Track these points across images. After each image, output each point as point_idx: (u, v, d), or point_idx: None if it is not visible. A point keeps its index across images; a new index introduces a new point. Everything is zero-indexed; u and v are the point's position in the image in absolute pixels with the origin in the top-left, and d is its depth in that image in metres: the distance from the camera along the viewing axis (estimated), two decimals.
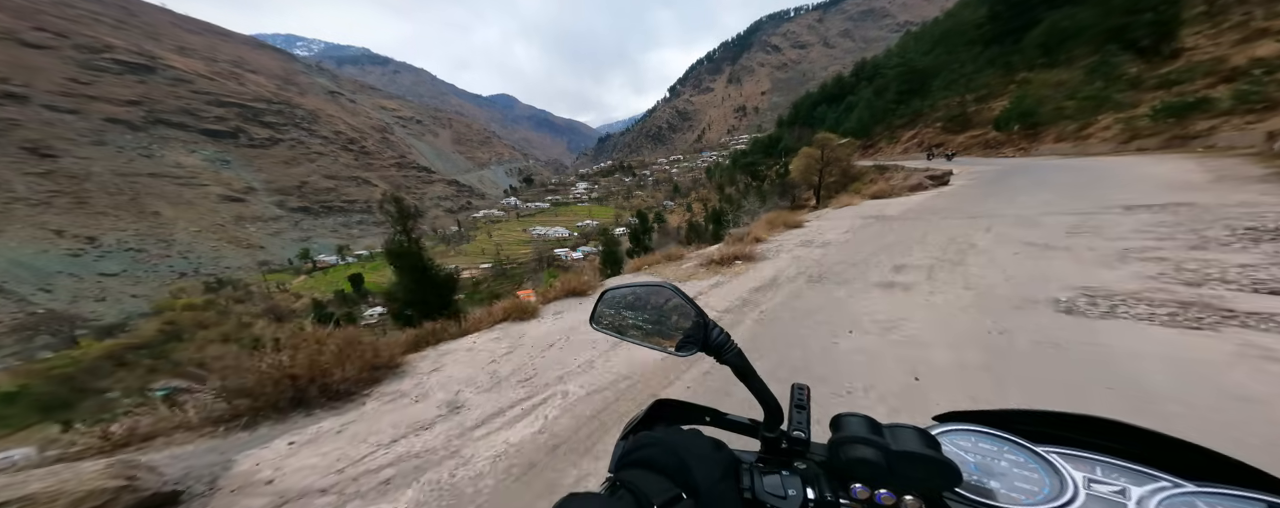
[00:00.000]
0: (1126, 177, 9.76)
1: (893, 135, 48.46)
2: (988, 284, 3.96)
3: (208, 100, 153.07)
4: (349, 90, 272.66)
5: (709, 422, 0.60)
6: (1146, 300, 3.12)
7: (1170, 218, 5.50)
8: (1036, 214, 6.93)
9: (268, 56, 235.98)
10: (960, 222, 7.25)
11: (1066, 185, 9.78)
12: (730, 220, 24.43)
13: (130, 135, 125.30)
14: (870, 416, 0.48)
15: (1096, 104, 22.13)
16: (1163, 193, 7.17)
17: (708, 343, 0.54)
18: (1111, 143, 19.38)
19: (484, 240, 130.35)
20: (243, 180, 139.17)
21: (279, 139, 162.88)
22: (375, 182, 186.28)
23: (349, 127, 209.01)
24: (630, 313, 0.68)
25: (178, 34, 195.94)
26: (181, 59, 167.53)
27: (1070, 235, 5.29)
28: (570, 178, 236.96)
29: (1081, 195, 8.10)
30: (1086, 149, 20.66)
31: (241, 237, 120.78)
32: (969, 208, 8.54)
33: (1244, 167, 9.12)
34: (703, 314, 0.56)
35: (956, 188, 12.78)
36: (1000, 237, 5.77)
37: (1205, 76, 18.69)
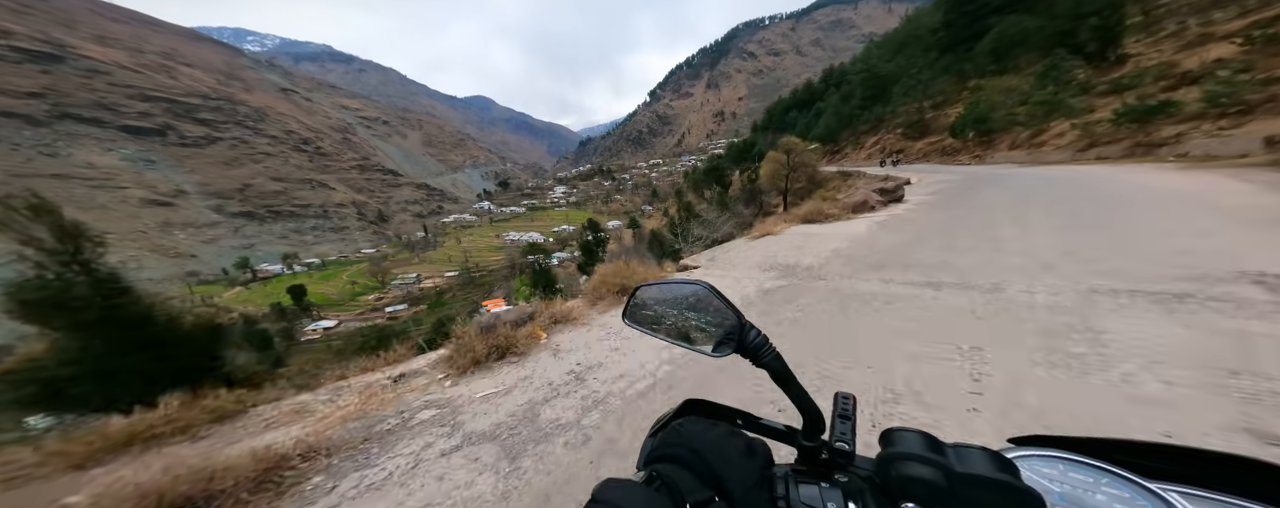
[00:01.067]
0: (1134, 193, 7.17)
1: (858, 141, 49.09)
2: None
3: (129, 94, 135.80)
4: (304, 88, 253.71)
5: (741, 425, 0.57)
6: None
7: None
8: (1061, 279, 3.44)
9: (208, 49, 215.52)
10: (914, 298, 3.46)
11: (1059, 206, 7.01)
12: (680, 236, 19.90)
13: (29, 131, 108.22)
14: (930, 432, 0.43)
15: (1048, 109, 21.61)
16: (1244, 229, 4.15)
17: (744, 345, 0.51)
18: (1068, 150, 18.40)
19: (453, 247, 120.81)
20: (171, 182, 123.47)
21: (217, 138, 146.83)
22: (333, 185, 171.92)
23: (303, 126, 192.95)
24: (664, 310, 0.67)
25: (97, 22, 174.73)
26: (99, 49, 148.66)
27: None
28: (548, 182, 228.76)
29: (1100, 225, 5.27)
30: (1042, 157, 19.87)
31: (167, 245, 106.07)
32: (929, 252, 5.05)
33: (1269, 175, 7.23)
34: (740, 316, 0.53)
35: (913, 206, 9.58)
36: (1013, 368, 2.17)
37: (1157, 81, 17.90)
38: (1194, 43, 19.43)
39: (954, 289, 3.48)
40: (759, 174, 33.00)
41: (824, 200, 11.72)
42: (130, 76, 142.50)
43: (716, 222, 21.55)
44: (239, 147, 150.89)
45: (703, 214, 24.02)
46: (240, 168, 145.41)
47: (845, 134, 54.25)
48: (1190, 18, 22.19)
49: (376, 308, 74.23)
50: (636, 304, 0.69)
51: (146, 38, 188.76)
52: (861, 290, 3.77)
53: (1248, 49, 14.93)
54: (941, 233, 5.90)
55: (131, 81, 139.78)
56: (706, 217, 22.59)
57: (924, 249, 5.09)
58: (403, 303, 74.24)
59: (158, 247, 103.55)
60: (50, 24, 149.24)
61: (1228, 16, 19.75)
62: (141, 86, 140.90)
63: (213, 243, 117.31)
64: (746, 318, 0.53)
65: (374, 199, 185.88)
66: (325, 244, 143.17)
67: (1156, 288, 2.95)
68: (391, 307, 71.82)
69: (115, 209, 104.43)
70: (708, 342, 0.57)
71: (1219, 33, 18.64)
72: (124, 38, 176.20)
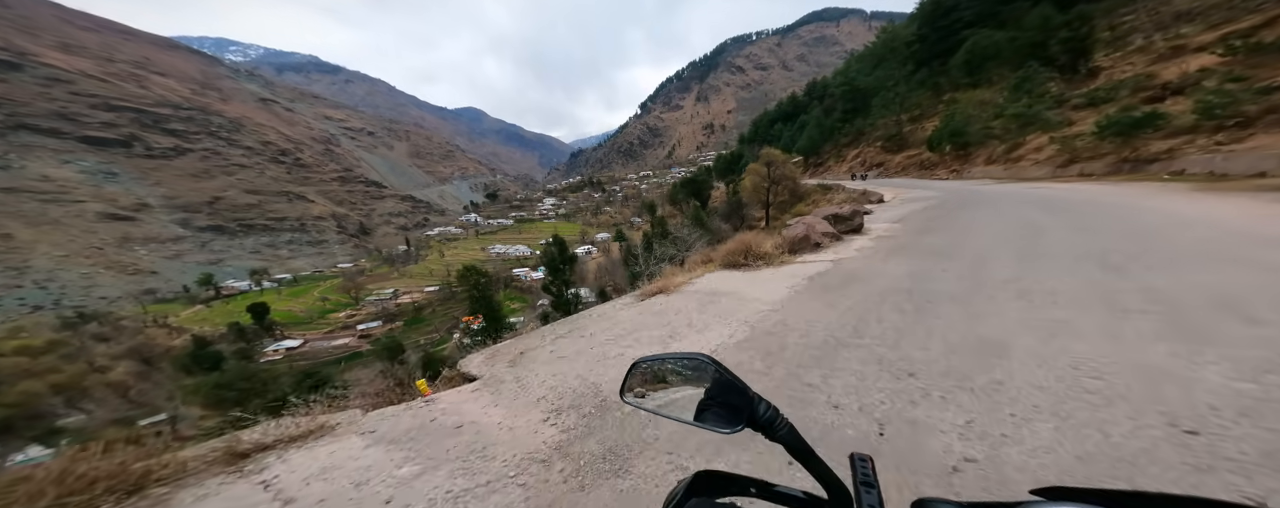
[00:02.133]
0: (1172, 229, 5.45)
1: (840, 153, 49.49)
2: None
3: (92, 104, 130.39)
4: (285, 98, 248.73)
5: (755, 494, 0.52)
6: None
7: None
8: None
9: (182, 58, 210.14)
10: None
11: (1084, 243, 5.19)
12: (642, 259, 18.61)
13: None
14: (959, 500, 0.40)
15: (1024, 122, 21.23)
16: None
17: (756, 419, 0.49)
18: (1047, 166, 17.78)
19: (435, 261, 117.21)
20: (133, 196, 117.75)
21: (187, 149, 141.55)
22: (312, 197, 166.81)
23: (282, 136, 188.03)
24: (665, 386, 0.63)
25: (64, 29, 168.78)
26: (63, 57, 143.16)
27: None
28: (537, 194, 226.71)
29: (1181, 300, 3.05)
30: (1020, 172, 19.21)
31: (126, 261, 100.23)
32: (867, 366, 2.53)
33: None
34: (747, 388, 0.51)
35: (872, 242, 6.96)
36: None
37: (1135, 92, 17.44)
38: (1166, 55, 19.27)
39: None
40: (738, 187, 32.32)
41: (762, 233, 9.63)
42: (96, 85, 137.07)
43: (689, 239, 20.20)
44: (211, 158, 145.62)
45: (675, 232, 22.50)
46: (211, 180, 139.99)
47: (827, 147, 54.51)
48: (1155, 33, 22.52)
49: (347, 326, 70.57)
50: (634, 380, 0.64)
51: (117, 46, 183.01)
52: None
53: (1228, 59, 14.44)
54: (901, 308, 3.47)
55: (96, 91, 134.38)
56: (679, 234, 21.09)
57: (857, 353, 2.70)
58: (376, 320, 70.87)
59: (114, 263, 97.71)
60: (10, 30, 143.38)
61: (1196, 30, 19.72)
62: (106, 96, 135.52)
63: (177, 258, 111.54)
64: (753, 391, 0.51)
65: (355, 212, 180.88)
66: (301, 259, 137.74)
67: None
68: (364, 324, 68.42)
69: (68, 224, 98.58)
70: (715, 418, 0.54)
71: (1191, 45, 18.45)
72: (93, 46, 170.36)
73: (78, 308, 79.76)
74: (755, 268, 5.70)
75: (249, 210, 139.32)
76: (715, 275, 5.58)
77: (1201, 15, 20.60)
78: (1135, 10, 26.23)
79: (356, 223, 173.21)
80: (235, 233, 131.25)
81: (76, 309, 77.42)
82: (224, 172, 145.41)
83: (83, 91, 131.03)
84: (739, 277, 5.34)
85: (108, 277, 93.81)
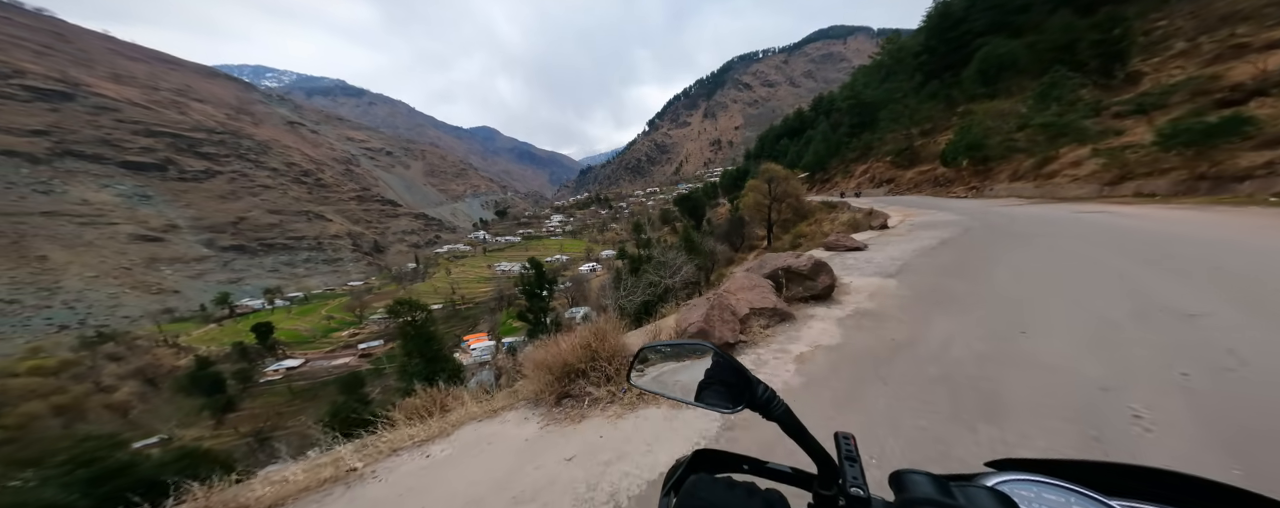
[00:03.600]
0: None
1: (847, 169, 47.54)
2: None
3: (135, 130, 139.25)
4: (312, 120, 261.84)
5: (748, 470, 0.58)
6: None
7: None
8: None
9: (220, 85, 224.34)
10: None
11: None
12: (622, 285, 17.24)
13: (27, 169, 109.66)
14: (931, 471, 0.45)
15: (1055, 133, 18.87)
16: None
17: (754, 400, 0.53)
18: (1090, 183, 14.92)
19: (442, 278, 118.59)
20: (164, 217, 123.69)
21: (217, 171, 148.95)
22: (330, 216, 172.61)
23: (306, 157, 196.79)
24: (669, 369, 0.67)
25: (116, 61, 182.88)
26: (113, 86, 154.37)
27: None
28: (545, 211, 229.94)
29: None
30: (1055, 190, 16.49)
31: (151, 281, 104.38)
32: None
33: None
34: (745, 371, 0.55)
35: (838, 345, 3.47)
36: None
37: (1195, 96, 14.90)
38: (1225, 56, 17.03)
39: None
40: (741, 205, 31.26)
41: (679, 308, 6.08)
42: (139, 113, 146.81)
43: (675, 264, 18.83)
44: (238, 180, 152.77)
45: (659, 257, 21.02)
46: (237, 201, 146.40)
47: (834, 162, 52.82)
48: (1199, 35, 20.51)
49: (350, 345, 70.99)
50: (641, 365, 0.70)
51: (162, 75, 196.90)
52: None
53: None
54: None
55: (139, 117, 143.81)
56: (663, 259, 19.57)
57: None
58: (379, 339, 71.08)
59: (140, 283, 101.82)
60: (69, 63, 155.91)
61: (1256, 28, 17.48)
62: (148, 122, 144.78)
63: (199, 278, 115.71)
64: (752, 373, 0.55)
65: (371, 230, 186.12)
66: (317, 276, 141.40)
67: None
68: (366, 343, 68.67)
69: (102, 246, 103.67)
70: (717, 398, 0.58)
71: (1257, 43, 16.32)
72: (140, 75, 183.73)
73: (100, 327, 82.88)
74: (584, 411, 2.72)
75: (270, 230, 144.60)
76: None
77: (1256, 14, 18.51)
78: (1167, 15, 24.45)
79: (371, 241, 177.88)
80: (256, 252, 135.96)
81: (99, 329, 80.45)
82: (250, 192, 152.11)
83: (127, 118, 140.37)
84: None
85: (133, 296, 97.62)
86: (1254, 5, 19.29)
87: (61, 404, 50.55)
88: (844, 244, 8.04)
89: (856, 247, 7.98)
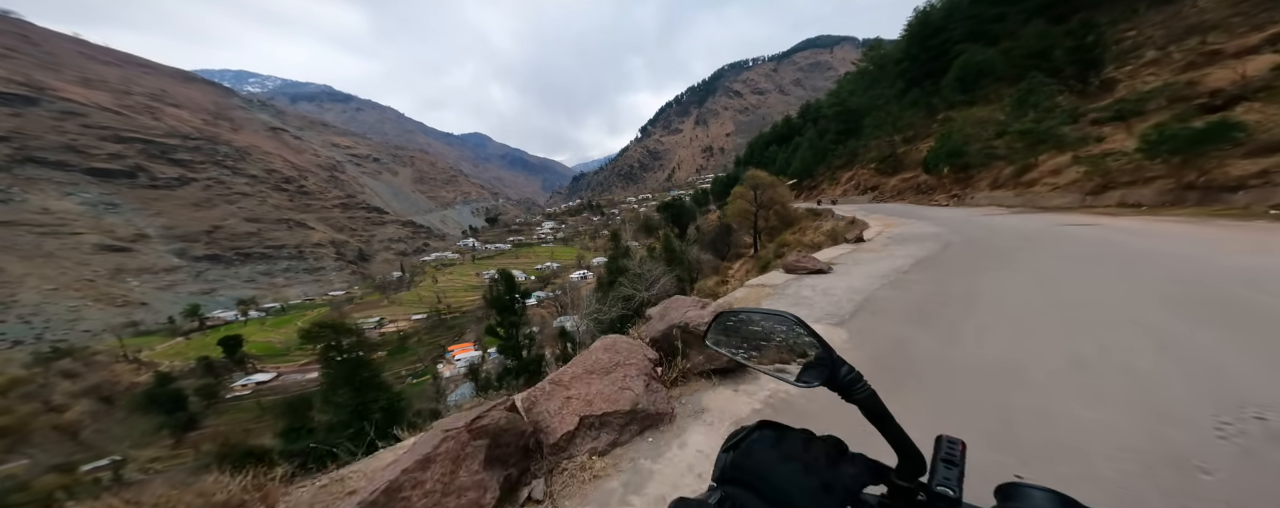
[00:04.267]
0: None
1: (833, 176, 47.79)
2: None
3: (103, 135, 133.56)
4: (295, 126, 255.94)
5: (814, 450, 0.52)
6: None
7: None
8: None
9: (198, 90, 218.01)
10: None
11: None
12: (605, 298, 15.84)
13: None
14: (1060, 491, 0.38)
15: (1033, 141, 18.64)
16: None
17: (836, 378, 0.49)
18: (1071, 192, 14.64)
19: (429, 287, 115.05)
20: (132, 226, 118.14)
21: (191, 178, 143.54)
22: (312, 224, 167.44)
23: (288, 164, 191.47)
24: (750, 336, 0.65)
25: (86, 64, 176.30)
26: (82, 90, 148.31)
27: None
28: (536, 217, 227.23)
29: None
30: (1035, 199, 16.28)
31: (116, 293, 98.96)
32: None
33: None
34: (830, 349, 0.52)
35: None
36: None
37: (1173, 102, 14.82)
38: (1197, 63, 17.01)
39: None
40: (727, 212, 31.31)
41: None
42: (108, 118, 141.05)
43: (652, 277, 17.24)
44: (214, 187, 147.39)
45: (635, 268, 19.47)
46: (212, 209, 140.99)
47: (820, 169, 52.95)
48: (1170, 44, 20.77)
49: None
50: (720, 328, 0.67)
51: (136, 79, 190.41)
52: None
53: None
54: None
55: (107, 123, 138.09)
56: (641, 271, 18.01)
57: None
58: None
59: (103, 295, 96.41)
60: (34, 67, 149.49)
61: (1226, 36, 17.57)
62: (117, 128, 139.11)
63: (169, 289, 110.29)
64: (837, 353, 0.51)
65: (355, 238, 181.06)
66: (298, 286, 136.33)
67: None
68: None
69: (63, 257, 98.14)
70: (795, 371, 0.55)
71: (1229, 50, 16.27)
72: (112, 79, 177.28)
73: (58, 342, 77.66)
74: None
75: (247, 239, 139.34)
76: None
77: (1224, 24, 18.84)
78: (1136, 25, 25.07)
79: (356, 249, 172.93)
80: (231, 262, 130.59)
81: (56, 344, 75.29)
82: (226, 200, 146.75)
83: (94, 124, 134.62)
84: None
85: (95, 309, 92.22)
86: (1220, 15, 19.67)
87: (6, 425, 46.31)
88: (805, 266, 6.77)
89: (819, 269, 6.70)
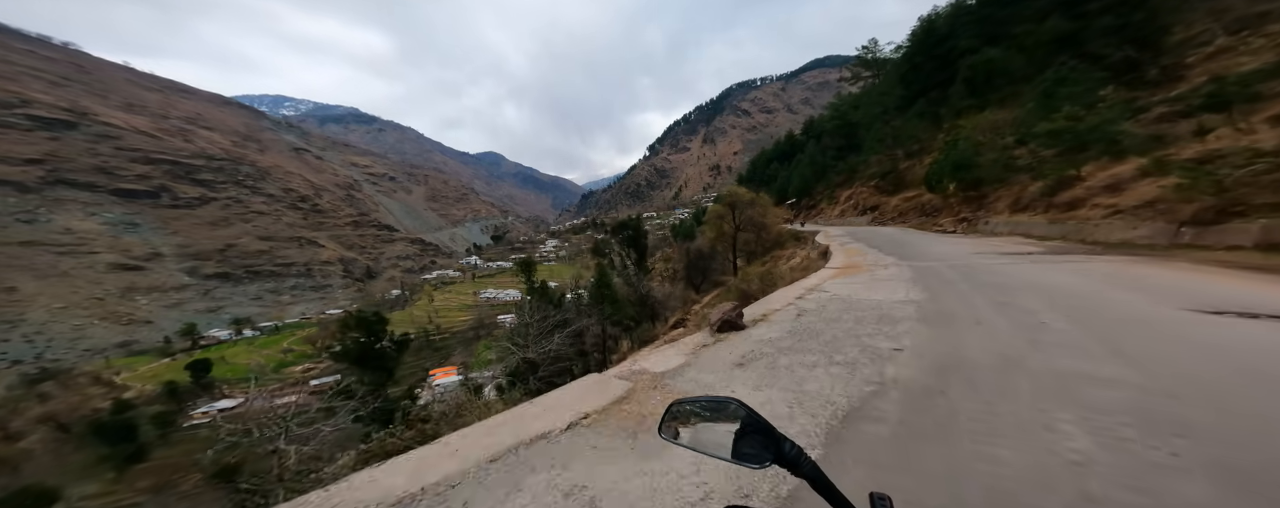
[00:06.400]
0: None
1: (832, 195, 44.65)
2: None
3: (133, 157, 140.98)
4: (318, 146, 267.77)
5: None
6: None
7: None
8: None
9: (232, 113, 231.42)
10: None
11: None
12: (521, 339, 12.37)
13: (15, 198, 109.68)
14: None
15: (1072, 145, 13.75)
16: None
17: (781, 456, 0.52)
18: (1151, 220, 9.41)
19: (423, 306, 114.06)
20: (148, 245, 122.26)
21: (212, 198, 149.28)
22: (323, 241, 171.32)
23: (306, 183, 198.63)
24: (698, 425, 0.68)
25: (132, 91, 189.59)
26: (123, 115, 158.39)
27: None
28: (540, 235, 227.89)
29: None
30: (1085, 230, 10.98)
31: (123, 311, 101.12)
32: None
33: None
34: (773, 429, 0.55)
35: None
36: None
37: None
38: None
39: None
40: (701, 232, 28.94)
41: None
42: (141, 140, 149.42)
43: (547, 323, 13.77)
44: (232, 206, 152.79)
45: (524, 313, 15.54)
46: (228, 228, 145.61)
47: (820, 187, 49.78)
48: (1243, 30, 16.36)
49: (300, 381, 65.57)
50: (670, 420, 0.70)
51: (175, 104, 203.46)
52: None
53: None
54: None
55: (139, 145, 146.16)
56: (528, 319, 14.27)
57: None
58: (336, 374, 65.74)
59: (111, 313, 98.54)
60: (83, 94, 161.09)
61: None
62: (148, 149, 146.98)
63: (177, 307, 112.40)
64: (779, 431, 0.54)
65: (364, 255, 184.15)
66: (303, 304, 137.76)
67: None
68: (319, 378, 63.47)
69: (76, 276, 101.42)
70: (745, 454, 0.57)
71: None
72: (153, 104, 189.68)
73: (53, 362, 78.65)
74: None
75: (258, 257, 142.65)
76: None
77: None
78: (1183, 19, 20.04)
79: (364, 267, 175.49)
80: (240, 280, 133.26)
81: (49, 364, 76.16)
82: (242, 219, 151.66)
83: (127, 146, 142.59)
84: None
85: (100, 328, 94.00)
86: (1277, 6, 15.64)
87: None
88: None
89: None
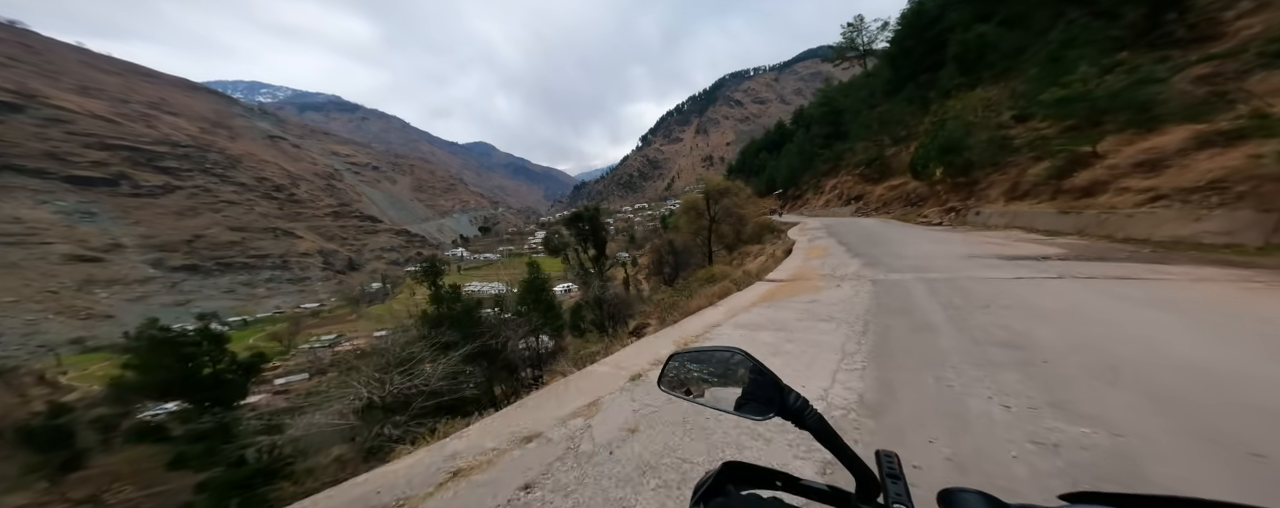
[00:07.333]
0: None
1: (818, 184, 43.69)
2: None
3: (87, 143, 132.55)
4: (295, 135, 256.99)
5: (780, 487, 0.54)
6: None
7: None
8: None
9: (199, 99, 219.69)
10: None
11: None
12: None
13: None
14: (986, 492, 0.41)
15: (1087, 117, 11.56)
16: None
17: (785, 407, 0.51)
18: (1236, 209, 7.06)
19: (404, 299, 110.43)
20: (108, 235, 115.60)
21: (177, 186, 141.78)
22: (300, 233, 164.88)
23: (282, 172, 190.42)
24: (700, 376, 0.66)
25: (87, 73, 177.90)
26: (77, 99, 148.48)
27: None
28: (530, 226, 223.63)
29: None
30: (1113, 224, 8.86)
31: (81, 305, 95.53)
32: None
33: None
34: (777, 379, 0.53)
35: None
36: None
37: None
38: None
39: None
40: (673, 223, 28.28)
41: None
42: (97, 125, 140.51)
43: (418, 356, 11.28)
44: (199, 195, 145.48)
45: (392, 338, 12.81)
46: (195, 218, 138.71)
47: (806, 176, 48.56)
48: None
49: (264, 379, 62.17)
50: (671, 370, 0.68)
51: (137, 88, 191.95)
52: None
53: None
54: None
55: (94, 130, 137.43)
56: (407, 347, 11.46)
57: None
58: (304, 373, 62.30)
59: (68, 307, 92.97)
60: (31, 75, 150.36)
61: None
62: (103, 135, 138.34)
63: (141, 300, 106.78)
64: (784, 382, 0.53)
65: (346, 247, 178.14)
66: (279, 297, 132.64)
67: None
68: (284, 378, 59.94)
69: (27, 267, 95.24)
70: (748, 406, 0.56)
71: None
72: (113, 88, 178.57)
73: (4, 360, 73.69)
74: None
75: (230, 248, 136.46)
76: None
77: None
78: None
79: (346, 259, 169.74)
80: (210, 272, 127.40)
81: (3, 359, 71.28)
82: (211, 209, 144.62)
83: (79, 131, 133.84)
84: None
85: (56, 322, 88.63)
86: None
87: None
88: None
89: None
